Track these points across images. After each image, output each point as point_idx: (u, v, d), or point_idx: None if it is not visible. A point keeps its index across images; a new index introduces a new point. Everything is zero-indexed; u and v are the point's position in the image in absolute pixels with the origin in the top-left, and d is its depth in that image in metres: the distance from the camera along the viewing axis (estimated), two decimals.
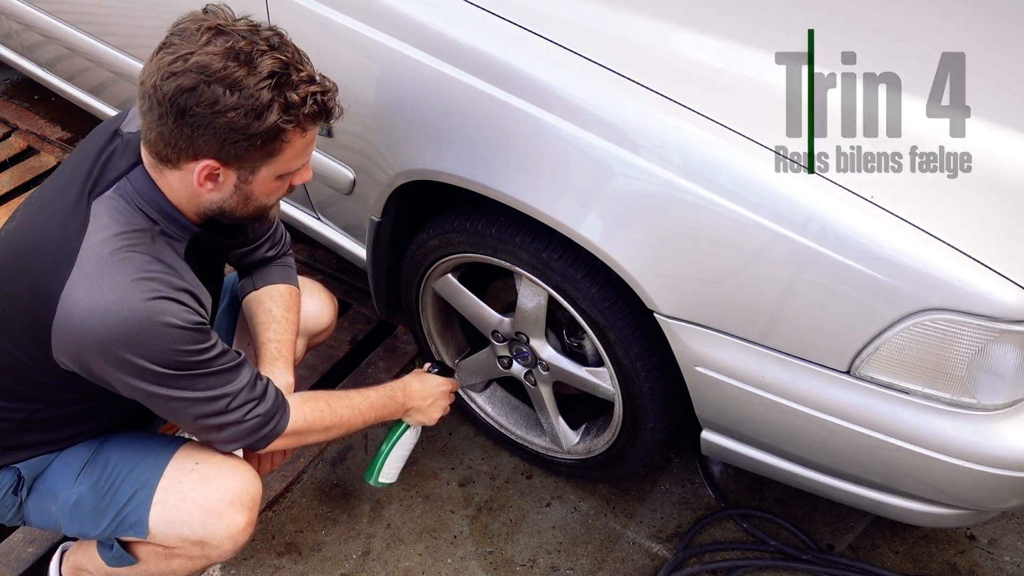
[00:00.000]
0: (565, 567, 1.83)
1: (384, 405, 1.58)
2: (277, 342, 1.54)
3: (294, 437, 1.41)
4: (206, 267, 1.38)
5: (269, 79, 1.13)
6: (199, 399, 1.27)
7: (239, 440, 1.35)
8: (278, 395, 1.38)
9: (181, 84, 1.11)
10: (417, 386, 1.65)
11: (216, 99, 1.11)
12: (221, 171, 1.20)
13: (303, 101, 1.16)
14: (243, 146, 1.16)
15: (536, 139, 1.43)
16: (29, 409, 1.36)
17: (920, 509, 1.48)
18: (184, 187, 1.23)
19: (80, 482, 1.40)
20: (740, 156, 1.31)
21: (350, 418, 1.49)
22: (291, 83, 1.15)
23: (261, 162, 1.20)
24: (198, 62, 1.11)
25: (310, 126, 1.21)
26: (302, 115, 1.17)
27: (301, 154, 1.24)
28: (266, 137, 1.16)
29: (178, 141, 1.16)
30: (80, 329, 1.18)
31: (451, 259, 1.73)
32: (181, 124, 1.14)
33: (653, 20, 1.52)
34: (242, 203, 1.27)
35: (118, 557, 1.44)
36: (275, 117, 1.14)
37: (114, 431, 1.47)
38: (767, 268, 1.32)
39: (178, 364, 1.22)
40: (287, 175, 1.26)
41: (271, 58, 1.14)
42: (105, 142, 1.30)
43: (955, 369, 1.28)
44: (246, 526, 1.38)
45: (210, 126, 1.13)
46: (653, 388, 1.60)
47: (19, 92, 3.15)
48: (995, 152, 1.39)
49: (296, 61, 1.17)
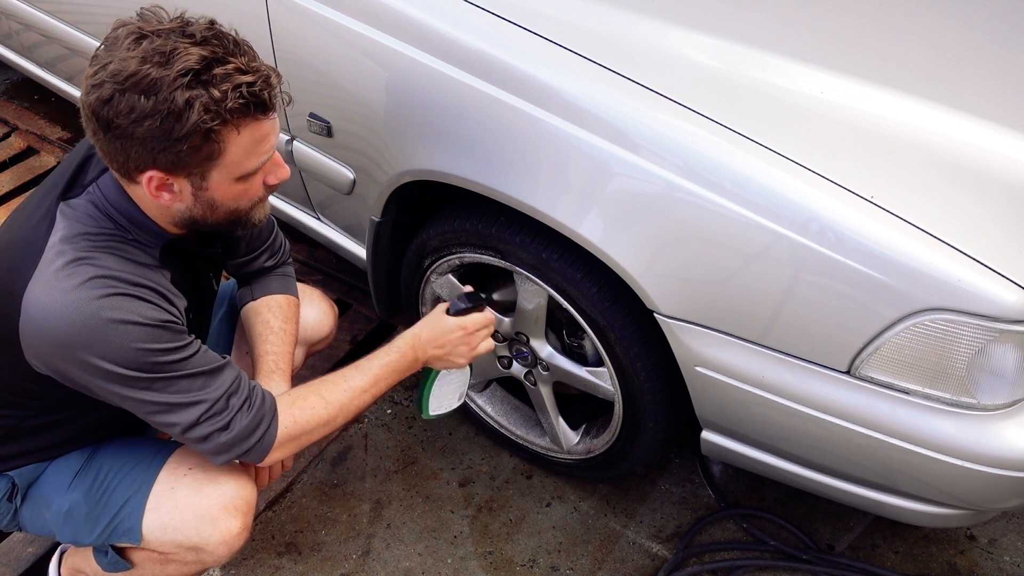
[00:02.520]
0: (565, 567, 1.83)
1: (392, 372, 1.44)
2: (274, 354, 1.50)
3: (290, 444, 1.33)
4: (186, 274, 1.32)
5: (184, 77, 1.05)
6: (174, 404, 1.21)
7: (225, 452, 1.27)
8: (263, 403, 1.30)
9: (100, 96, 1.07)
10: (428, 335, 1.49)
11: (132, 107, 1.06)
12: (171, 179, 1.14)
13: (224, 96, 1.07)
14: (174, 152, 1.09)
15: (536, 139, 1.43)
16: (19, 416, 1.35)
17: (920, 509, 1.48)
18: (150, 200, 1.18)
19: (73, 489, 1.39)
20: (740, 156, 1.31)
21: (350, 402, 1.38)
22: (213, 78, 1.07)
23: (205, 166, 1.13)
24: (114, 70, 1.06)
25: (242, 121, 1.11)
26: (225, 111, 1.08)
27: (252, 152, 1.15)
28: (194, 140, 1.08)
29: (116, 155, 1.11)
30: (40, 331, 1.15)
31: (451, 259, 1.73)
32: (111, 138, 1.09)
33: (653, 20, 1.52)
34: (209, 210, 1.20)
35: (113, 563, 1.44)
36: (196, 117, 1.06)
37: (108, 438, 1.45)
38: (767, 268, 1.32)
39: (143, 365, 1.16)
40: (249, 176, 1.18)
41: (189, 54, 1.06)
42: (87, 149, 1.27)
43: (955, 369, 1.28)
44: (240, 531, 1.36)
45: (134, 136, 1.07)
46: (653, 388, 1.60)
47: (19, 92, 3.15)
48: (995, 152, 1.39)
49: (222, 55, 1.08)
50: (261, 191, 1.24)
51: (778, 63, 1.45)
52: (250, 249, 1.57)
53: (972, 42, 1.64)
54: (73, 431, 1.40)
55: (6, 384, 1.31)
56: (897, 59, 1.54)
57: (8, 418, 1.35)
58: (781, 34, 1.55)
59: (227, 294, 1.70)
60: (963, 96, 1.48)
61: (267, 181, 1.23)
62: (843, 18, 1.61)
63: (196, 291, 1.37)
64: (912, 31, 1.62)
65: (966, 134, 1.40)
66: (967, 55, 1.60)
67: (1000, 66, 1.58)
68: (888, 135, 1.38)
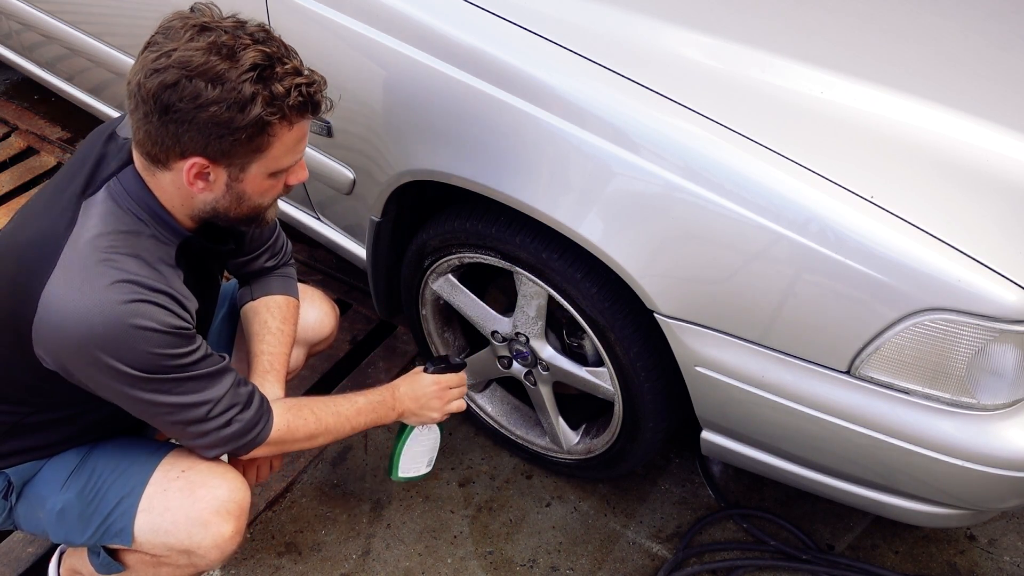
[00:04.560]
0: (565, 567, 1.83)
1: (372, 410, 1.53)
2: (270, 355, 1.52)
3: (277, 446, 1.39)
4: (198, 273, 1.36)
5: (251, 71, 1.12)
6: (179, 404, 1.25)
7: (220, 446, 1.34)
8: (262, 403, 1.36)
9: (164, 80, 1.11)
10: (405, 389, 1.60)
11: (198, 93, 1.11)
12: (211, 169, 1.18)
13: (287, 92, 1.15)
14: (228, 141, 1.14)
15: (536, 139, 1.43)
16: (21, 413, 1.36)
17: (920, 509, 1.48)
18: (176, 189, 1.22)
19: (67, 489, 1.39)
20: (740, 156, 1.31)
21: (336, 425, 1.47)
22: (275, 75, 1.14)
23: (250, 158, 1.19)
24: (180, 58, 1.11)
25: (296, 118, 1.19)
26: (286, 107, 1.15)
27: (292, 150, 1.22)
28: (251, 131, 1.14)
29: (164, 139, 1.15)
30: (58, 329, 1.17)
31: (451, 259, 1.73)
32: (166, 120, 1.13)
33: (653, 20, 1.52)
34: (235, 203, 1.25)
35: (105, 564, 1.43)
36: (259, 110, 1.13)
37: (106, 437, 1.45)
38: (767, 268, 1.32)
39: (155, 368, 1.20)
40: (280, 173, 1.24)
41: (254, 51, 1.13)
42: (101, 145, 1.30)
43: (955, 369, 1.28)
44: (233, 535, 1.36)
45: (194, 121, 1.12)
46: (653, 388, 1.60)
47: (19, 92, 3.15)
48: (995, 152, 1.39)
49: (281, 55, 1.16)
50: (280, 189, 1.28)
51: (778, 63, 1.45)
52: (251, 249, 1.58)
53: (972, 42, 1.64)
54: (73, 430, 1.41)
55: (10, 380, 1.32)
56: (897, 59, 1.54)
57: (10, 414, 1.36)
58: (781, 34, 1.55)
59: (228, 295, 1.70)
60: (963, 96, 1.48)
61: (288, 181, 1.28)
62: (843, 18, 1.61)
63: (204, 290, 1.39)
64: (912, 31, 1.62)
65: (966, 134, 1.40)
66: (967, 55, 1.60)
67: (1000, 66, 1.58)
68: (888, 135, 1.38)
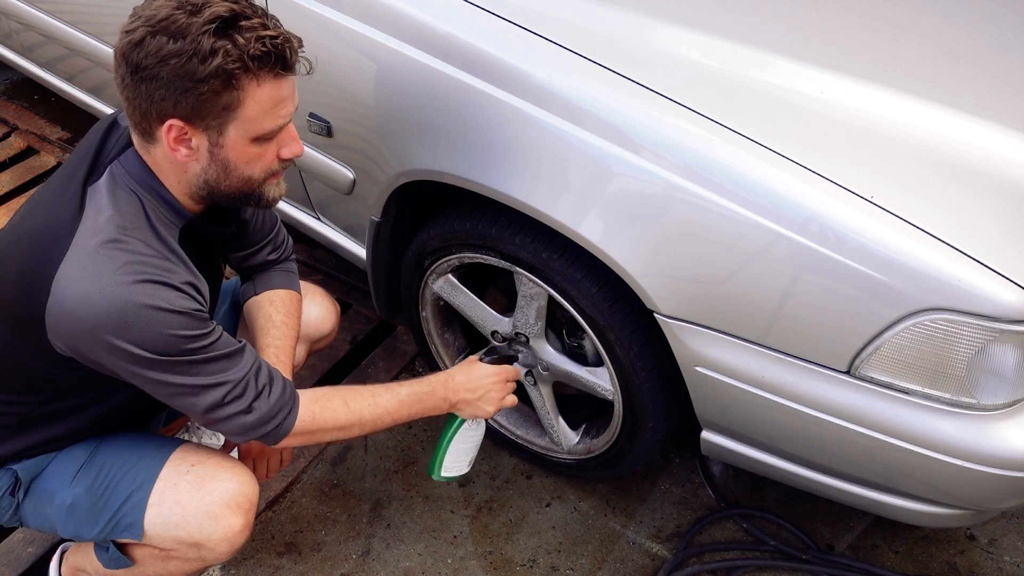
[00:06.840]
0: (565, 567, 1.83)
1: (418, 401, 1.48)
2: (276, 348, 1.52)
3: (307, 435, 1.38)
4: (200, 258, 1.36)
5: (212, 23, 1.12)
6: (198, 386, 1.25)
7: (246, 432, 1.32)
8: (286, 388, 1.35)
9: (132, 39, 1.13)
10: (462, 378, 1.55)
11: (160, 47, 1.11)
12: (189, 131, 1.18)
13: (248, 43, 1.13)
14: (194, 95, 1.13)
15: (536, 139, 1.43)
16: (34, 403, 1.36)
17: (920, 509, 1.48)
18: (169, 164, 1.22)
19: (76, 484, 1.40)
20: (740, 156, 1.31)
21: (372, 417, 1.43)
22: (239, 28, 1.14)
23: (223, 117, 1.17)
24: (146, 15, 1.13)
25: (263, 73, 1.16)
26: (247, 57, 1.13)
27: (270, 112, 1.19)
28: (215, 83, 1.13)
29: (140, 102, 1.16)
30: (71, 314, 1.18)
31: (451, 259, 1.73)
32: (136, 81, 1.14)
33: (653, 20, 1.52)
34: (223, 174, 1.23)
35: (114, 559, 1.44)
36: (219, 59, 1.12)
37: (113, 431, 1.46)
38: (767, 268, 1.32)
39: (171, 350, 1.20)
40: (264, 140, 1.22)
41: (220, 6, 1.13)
42: (104, 133, 1.31)
43: (955, 369, 1.28)
44: (242, 528, 1.37)
45: (159, 77, 1.13)
46: (653, 388, 1.60)
47: (19, 92, 3.15)
48: (995, 152, 1.39)
49: (248, 13, 1.15)
50: (275, 163, 1.27)
51: (778, 63, 1.45)
52: (253, 241, 1.58)
53: (972, 42, 1.64)
54: (85, 419, 1.41)
55: (24, 368, 1.32)
56: (897, 59, 1.54)
57: (23, 404, 1.36)
58: (781, 34, 1.55)
59: (230, 291, 1.71)
60: (963, 96, 1.48)
61: (281, 154, 1.26)
62: (843, 18, 1.61)
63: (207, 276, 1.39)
64: (912, 31, 1.62)
65: (966, 134, 1.40)
66: (967, 55, 1.60)
67: (1000, 66, 1.58)
68: (888, 135, 1.38)
